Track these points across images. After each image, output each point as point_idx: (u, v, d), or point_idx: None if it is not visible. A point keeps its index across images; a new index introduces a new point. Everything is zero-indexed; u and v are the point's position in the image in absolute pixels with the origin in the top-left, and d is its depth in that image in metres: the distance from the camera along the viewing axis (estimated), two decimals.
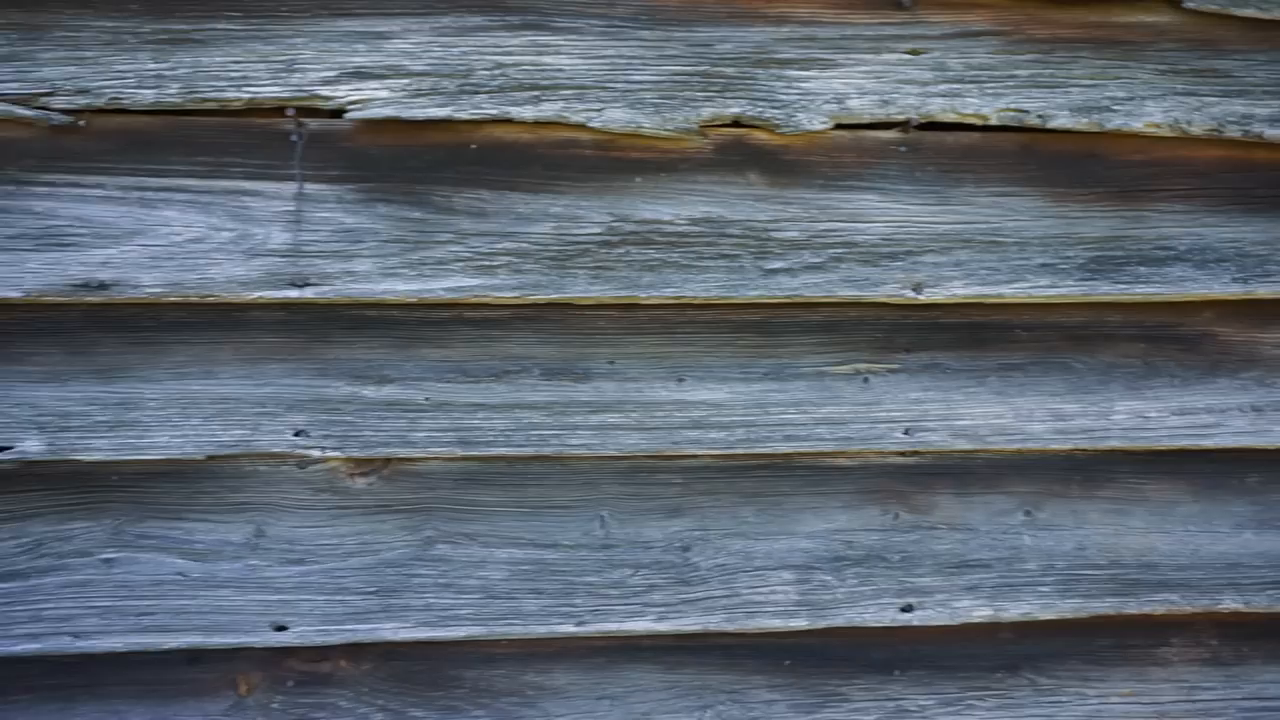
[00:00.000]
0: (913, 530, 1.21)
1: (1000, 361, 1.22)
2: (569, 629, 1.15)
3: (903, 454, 1.21)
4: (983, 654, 1.25)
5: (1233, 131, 1.22)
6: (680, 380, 1.17)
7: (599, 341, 1.17)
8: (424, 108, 1.11)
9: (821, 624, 1.17)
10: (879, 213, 1.19)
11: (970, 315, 1.22)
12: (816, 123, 1.16)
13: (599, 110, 1.13)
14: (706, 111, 1.15)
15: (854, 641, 1.22)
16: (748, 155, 1.18)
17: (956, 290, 1.18)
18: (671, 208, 1.16)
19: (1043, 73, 1.21)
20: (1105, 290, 1.20)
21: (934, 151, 1.21)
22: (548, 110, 1.13)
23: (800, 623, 1.17)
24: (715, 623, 1.17)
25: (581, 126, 1.13)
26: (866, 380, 1.19)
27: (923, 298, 1.18)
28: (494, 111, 1.12)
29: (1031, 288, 1.19)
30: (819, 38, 1.18)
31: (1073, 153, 1.23)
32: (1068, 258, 1.21)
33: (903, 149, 1.20)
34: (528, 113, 1.12)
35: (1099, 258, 1.21)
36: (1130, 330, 1.25)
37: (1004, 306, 1.22)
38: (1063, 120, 1.20)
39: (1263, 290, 1.22)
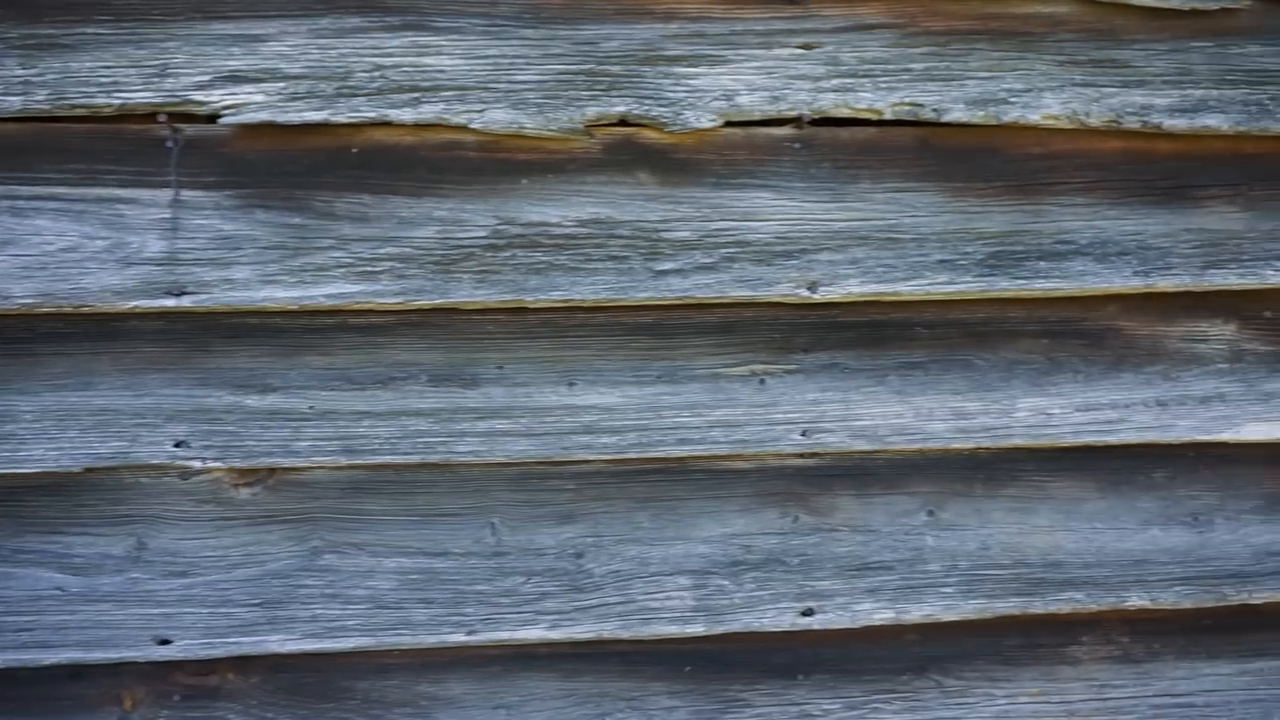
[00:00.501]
0: (813, 533, 1.25)
1: (900, 360, 1.26)
2: (460, 638, 1.19)
3: (801, 456, 1.25)
4: (888, 656, 1.30)
5: (1131, 122, 1.26)
6: (571, 384, 1.21)
7: (487, 346, 1.21)
8: (300, 111, 1.15)
9: (719, 629, 1.22)
10: (772, 211, 1.23)
11: (869, 314, 1.26)
12: (705, 120, 1.19)
13: (480, 111, 1.17)
14: (592, 111, 1.19)
15: (755, 646, 1.27)
16: (637, 155, 1.22)
17: (852, 289, 1.22)
18: (559, 209, 1.20)
19: (938, 66, 1.25)
20: (1004, 286, 1.24)
21: (829, 148, 1.25)
22: (428, 112, 1.16)
23: (697, 629, 1.21)
24: (610, 630, 1.21)
25: (463, 128, 1.17)
26: (763, 381, 1.23)
27: (818, 297, 1.22)
28: (372, 114, 1.15)
29: (929, 285, 1.23)
30: (708, 34, 1.22)
31: (971, 147, 1.27)
32: (966, 253, 1.24)
33: (797, 146, 1.24)
34: (407, 115, 1.16)
35: (998, 253, 1.25)
36: (1033, 326, 1.29)
37: (904, 304, 1.26)
38: (958, 114, 1.24)
39: (1164, 283, 1.27)
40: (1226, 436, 1.32)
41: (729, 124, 1.25)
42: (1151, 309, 1.34)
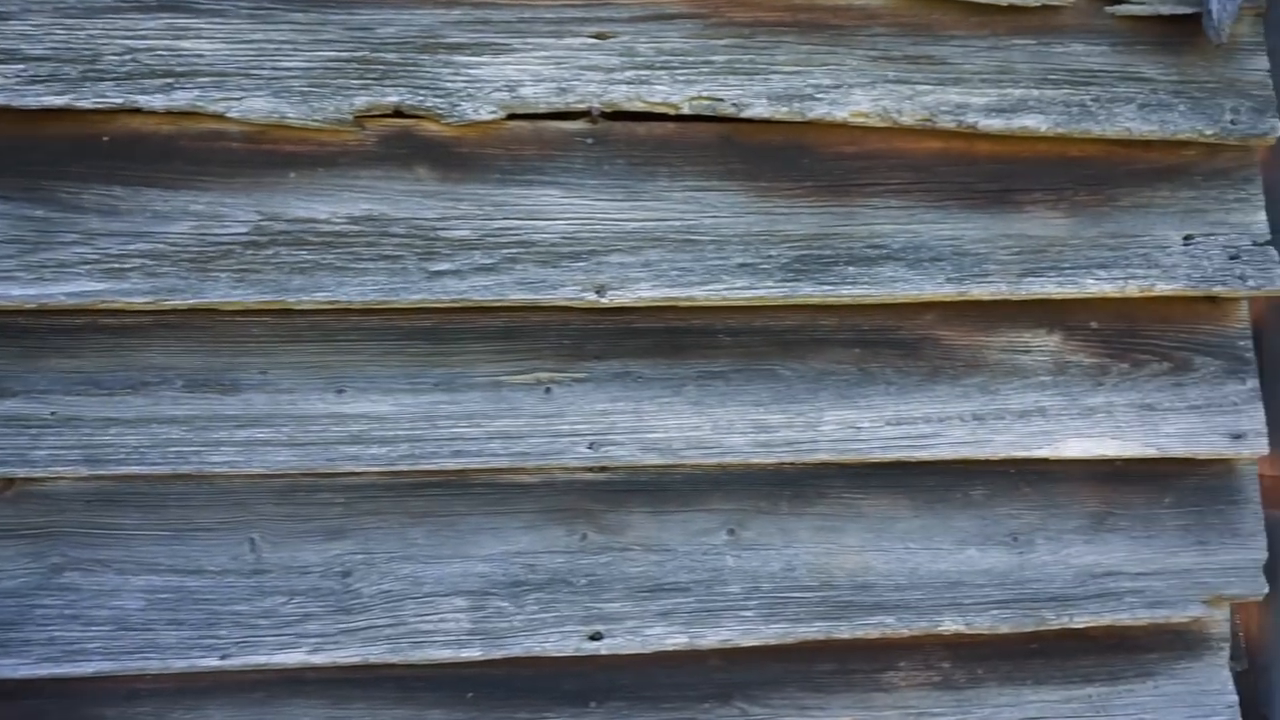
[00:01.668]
0: (603, 552, 1.31)
1: (700, 369, 1.32)
2: (212, 663, 1.24)
3: (591, 470, 1.31)
4: (689, 683, 1.36)
5: (946, 121, 1.33)
6: (340, 391, 1.26)
7: (251, 350, 1.27)
8: (40, 95, 1.20)
9: (497, 654, 1.28)
10: (561, 209, 1.29)
11: (668, 320, 1.33)
12: (484, 112, 1.25)
13: (239, 99, 1.22)
14: (361, 101, 1.24)
15: (544, 672, 1.33)
16: (416, 148, 1.27)
17: (643, 293, 1.28)
18: (328, 205, 1.25)
19: (741, 58, 1.31)
20: (809, 292, 1.31)
21: (624, 143, 1.31)
22: (181, 99, 1.22)
23: (473, 653, 1.27)
24: (378, 654, 1.26)
25: (220, 117, 1.23)
26: (549, 390, 1.29)
27: (605, 301, 1.27)
28: (119, 100, 1.21)
29: (727, 289, 1.29)
30: (493, 21, 1.28)
31: (779, 144, 1.34)
32: (770, 257, 1.30)
33: (589, 141, 1.30)
34: (158, 102, 1.21)
35: (804, 257, 1.31)
36: (845, 334, 1.36)
37: (705, 310, 1.33)
38: (760, 109, 1.30)
39: (978, 291, 1.34)
40: (1045, 453, 1.40)
41: (513, 116, 1.31)
42: (971, 318, 1.42)
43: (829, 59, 1.38)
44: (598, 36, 1.34)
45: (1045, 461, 1.45)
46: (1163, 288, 1.42)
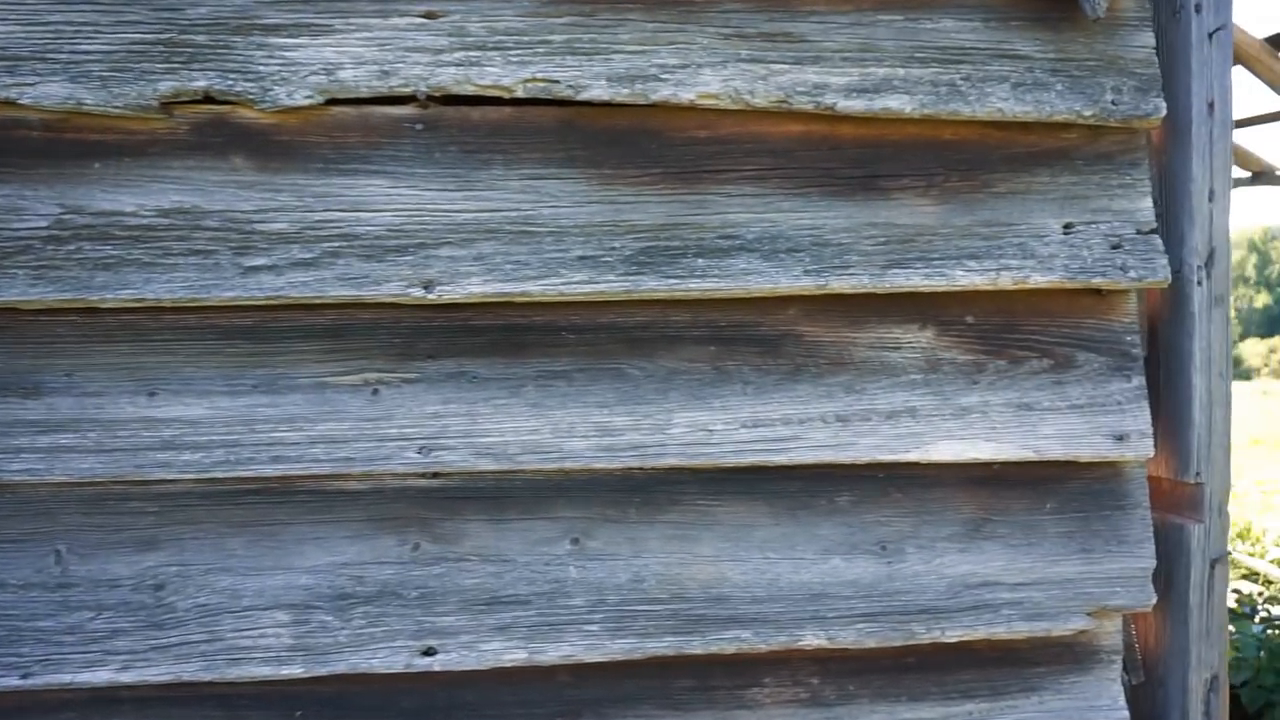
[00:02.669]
0: (437, 563, 1.25)
1: (541, 369, 1.26)
2: (12, 682, 1.20)
3: (424, 475, 1.25)
4: (537, 700, 1.31)
5: (802, 103, 1.27)
6: (152, 394, 1.21)
7: (57, 351, 1.22)
8: None
9: (321, 671, 1.22)
10: (387, 200, 1.23)
11: (508, 316, 1.27)
12: (299, 97, 1.19)
13: (32, 85, 1.17)
14: (166, 86, 1.19)
15: (379, 689, 1.28)
16: (232, 136, 1.23)
17: (474, 288, 1.22)
18: (135, 197, 1.20)
19: (582, 38, 1.25)
20: (652, 286, 1.24)
21: (457, 129, 1.25)
22: None
23: (295, 670, 1.22)
24: (191, 672, 1.22)
25: (11, 104, 1.16)
26: (376, 392, 1.23)
27: (433, 297, 1.21)
28: None
29: (564, 284, 1.23)
30: (314, 0, 1.19)
31: (624, 129, 1.28)
32: (613, 249, 1.24)
33: (419, 127, 1.24)
34: None
35: (650, 249, 1.25)
36: (699, 331, 1.29)
37: (546, 305, 1.27)
38: (599, 91, 1.24)
39: (838, 284, 1.28)
40: (914, 456, 1.33)
41: (335, 102, 1.25)
42: (838, 313, 1.35)
43: (677, 37, 1.31)
44: (427, 15, 1.27)
45: (916, 465, 1.37)
46: (1038, 279, 1.34)
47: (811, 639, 1.36)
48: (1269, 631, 3.85)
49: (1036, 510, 1.40)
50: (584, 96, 1.28)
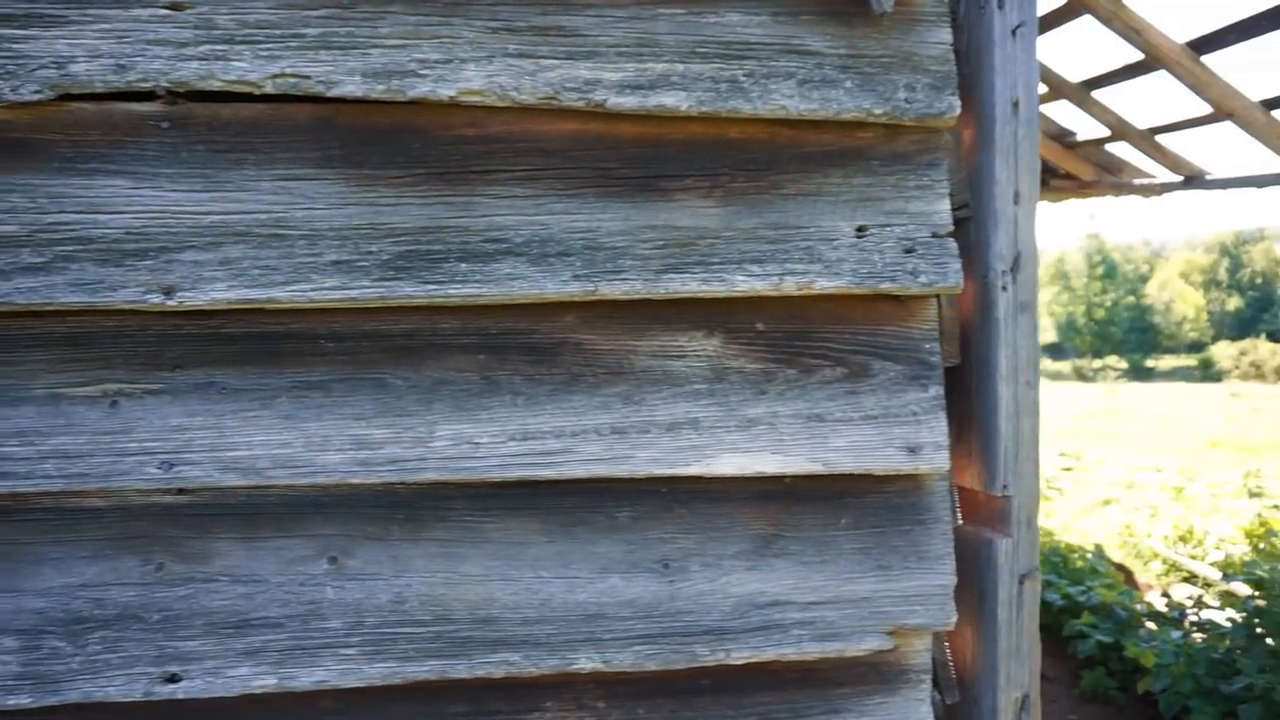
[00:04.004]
0: (183, 583, 1.20)
1: (296, 379, 1.21)
2: None
3: (168, 492, 1.20)
4: None
5: (571, 100, 1.22)
6: None
7: None
8: None
9: (52, 700, 1.18)
10: (127, 202, 1.18)
11: (262, 324, 1.22)
12: (26, 92, 1.14)
13: None
14: None
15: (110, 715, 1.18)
16: None
17: (219, 294, 1.17)
18: None
19: (338, 31, 1.20)
20: (409, 292, 1.19)
21: (206, 127, 1.20)
22: None
23: (22, 700, 1.18)
24: None
25: None
26: (115, 404, 1.18)
27: (173, 303, 1.17)
28: None
29: (315, 290, 1.18)
30: None
31: (386, 128, 1.23)
32: (370, 253, 1.19)
33: (165, 125, 1.19)
34: None
35: (410, 253, 1.20)
36: (468, 339, 1.24)
37: (303, 312, 1.22)
38: (352, 88, 1.20)
39: (609, 290, 1.23)
40: (696, 470, 1.28)
41: (70, 97, 1.20)
42: (618, 320, 1.30)
43: (441, 31, 1.25)
44: (172, 7, 1.21)
45: (700, 480, 1.32)
46: (824, 285, 1.29)
47: (586, 662, 1.30)
48: (1188, 638, 3.82)
49: (831, 526, 1.35)
50: (336, 93, 1.22)
